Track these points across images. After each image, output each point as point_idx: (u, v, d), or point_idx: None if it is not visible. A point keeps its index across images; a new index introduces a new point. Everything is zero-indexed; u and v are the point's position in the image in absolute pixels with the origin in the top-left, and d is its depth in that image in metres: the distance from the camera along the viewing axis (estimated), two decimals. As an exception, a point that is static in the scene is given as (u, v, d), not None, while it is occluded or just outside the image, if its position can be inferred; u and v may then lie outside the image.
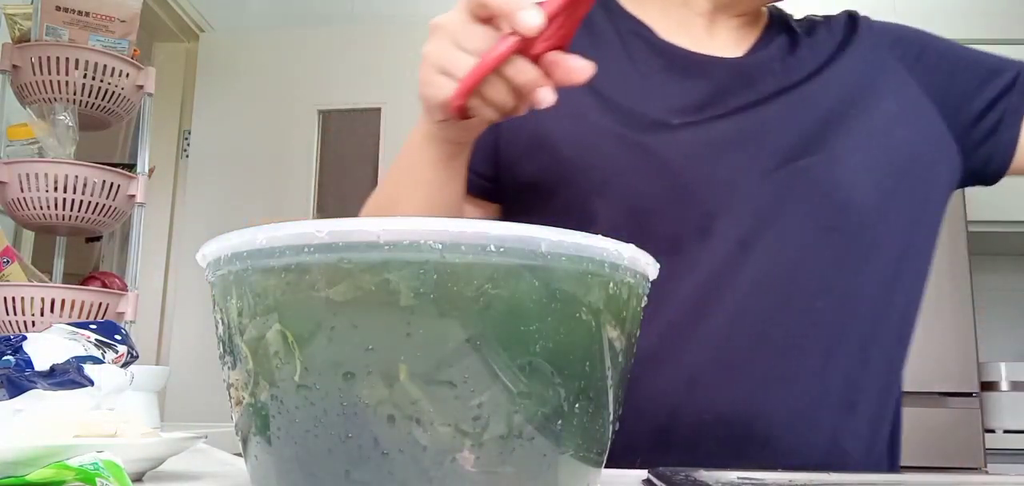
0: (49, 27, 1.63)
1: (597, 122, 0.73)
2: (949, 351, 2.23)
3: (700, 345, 0.68)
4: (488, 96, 0.56)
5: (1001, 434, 2.30)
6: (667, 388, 0.67)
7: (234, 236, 0.38)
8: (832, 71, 0.77)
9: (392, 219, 0.35)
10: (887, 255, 0.72)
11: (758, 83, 0.75)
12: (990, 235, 2.54)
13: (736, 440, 0.67)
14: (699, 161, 0.71)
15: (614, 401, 0.42)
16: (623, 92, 0.74)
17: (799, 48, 0.78)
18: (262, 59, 2.81)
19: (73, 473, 0.40)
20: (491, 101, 0.56)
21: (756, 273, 0.68)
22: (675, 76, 0.76)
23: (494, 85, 0.55)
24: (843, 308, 0.70)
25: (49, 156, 1.60)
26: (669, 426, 0.67)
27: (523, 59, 0.54)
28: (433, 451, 0.35)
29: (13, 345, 0.68)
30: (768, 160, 0.71)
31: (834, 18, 0.83)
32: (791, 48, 0.79)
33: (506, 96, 0.56)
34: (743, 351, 0.68)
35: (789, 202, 0.70)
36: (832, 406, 0.69)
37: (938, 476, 0.52)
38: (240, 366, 0.39)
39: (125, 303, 1.65)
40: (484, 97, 0.56)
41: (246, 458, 0.42)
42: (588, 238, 0.37)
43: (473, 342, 0.35)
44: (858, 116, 0.74)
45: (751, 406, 0.67)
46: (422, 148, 0.66)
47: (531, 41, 0.53)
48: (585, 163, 0.72)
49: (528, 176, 0.74)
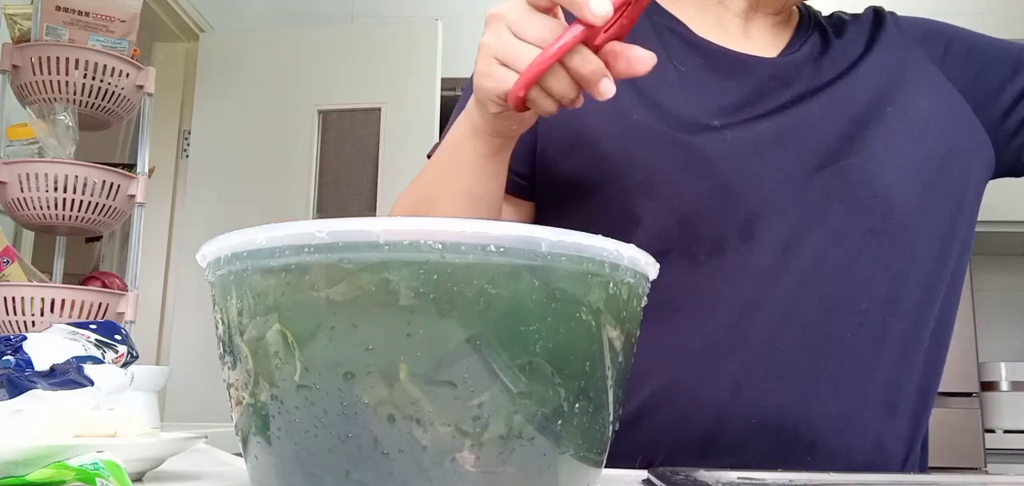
0: (49, 27, 1.63)
1: (639, 120, 0.72)
2: (949, 351, 2.23)
3: (746, 349, 0.67)
4: (550, 87, 0.55)
5: (1001, 434, 2.30)
6: (713, 393, 0.67)
7: (234, 236, 0.38)
8: (864, 69, 0.76)
9: (392, 219, 0.35)
10: (928, 254, 0.72)
11: (795, 83, 0.75)
12: (990, 235, 2.54)
13: (782, 444, 0.66)
14: (742, 162, 0.70)
15: (614, 401, 0.42)
16: (663, 90, 0.74)
17: (831, 47, 0.78)
18: (262, 59, 2.81)
19: (73, 473, 0.40)
20: (553, 92, 0.55)
21: (800, 275, 0.68)
22: (714, 75, 0.75)
23: (557, 76, 0.54)
24: (886, 309, 0.69)
25: (49, 156, 1.60)
26: (716, 431, 0.67)
27: (587, 49, 0.53)
28: (433, 451, 0.35)
29: (13, 345, 0.68)
30: (810, 161, 0.71)
31: (860, 16, 0.83)
32: (824, 47, 0.78)
33: (568, 87, 0.55)
34: (788, 354, 0.67)
35: (832, 203, 0.69)
36: (876, 408, 0.69)
37: (938, 476, 0.51)
38: (240, 366, 0.39)
39: (125, 303, 1.65)
40: (546, 88, 0.55)
41: (246, 458, 0.42)
42: (588, 238, 0.37)
43: (473, 342, 0.35)
44: (894, 114, 0.73)
45: (797, 410, 0.66)
46: (467, 142, 0.65)
47: (595, 31, 0.53)
48: (628, 162, 0.71)
49: (567, 174, 0.73)
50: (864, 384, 0.68)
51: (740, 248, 0.69)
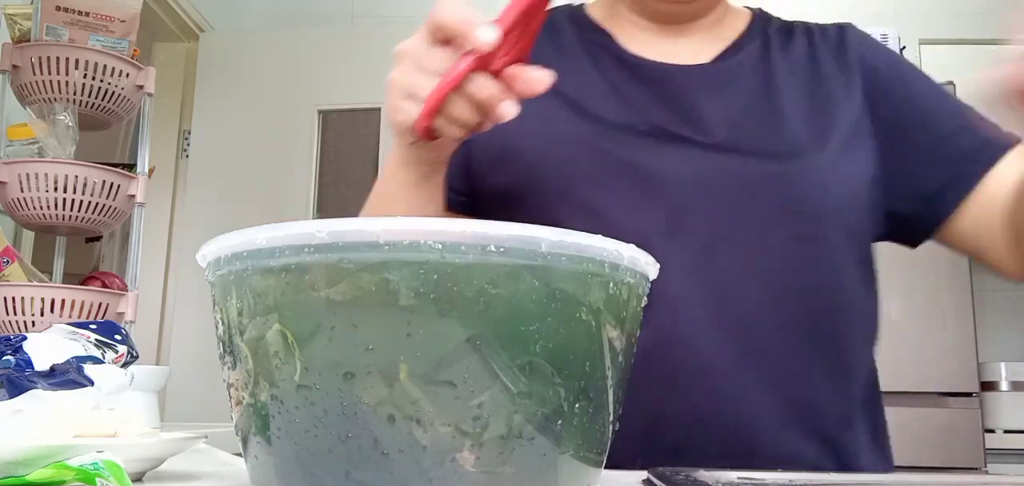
0: (49, 27, 1.63)
1: (563, 129, 0.74)
2: (949, 351, 2.23)
3: (677, 346, 0.68)
4: (452, 115, 0.57)
5: (1001, 434, 2.30)
6: (649, 392, 0.67)
7: (234, 236, 0.38)
8: (800, 83, 0.77)
9: (392, 219, 0.35)
10: (852, 260, 0.72)
11: (725, 89, 0.76)
12: (990, 235, 2.54)
13: (723, 445, 0.67)
14: (664, 163, 0.72)
15: (614, 401, 0.42)
16: (589, 99, 0.76)
17: (770, 55, 0.79)
18: (262, 59, 2.81)
19: (73, 473, 0.40)
20: (456, 119, 0.57)
21: (725, 276, 0.69)
22: (640, 85, 0.77)
23: (457, 103, 0.56)
24: (814, 312, 0.70)
25: (49, 156, 1.60)
26: (655, 431, 0.67)
27: (483, 75, 0.55)
28: (433, 451, 0.35)
29: (13, 345, 0.68)
30: (731, 164, 0.72)
31: (828, 29, 0.83)
32: (763, 55, 0.79)
33: (470, 113, 0.57)
34: (719, 354, 0.68)
35: (755, 205, 0.70)
36: (808, 410, 0.69)
37: (938, 476, 0.51)
38: (240, 366, 0.39)
39: (125, 303, 1.65)
40: (449, 116, 0.57)
41: (246, 458, 0.42)
42: (588, 238, 0.37)
43: (473, 342, 0.35)
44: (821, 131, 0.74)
45: (732, 411, 0.67)
46: (398, 172, 0.67)
47: (490, 57, 0.55)
48: (550, 169, 0.73)
49: (498, 186, 0.76)
50: (795, 385, 0.69)
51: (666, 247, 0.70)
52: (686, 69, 0.77)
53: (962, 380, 2.22)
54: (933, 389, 2.22)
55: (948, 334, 2.24)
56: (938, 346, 2.24)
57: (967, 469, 2.16)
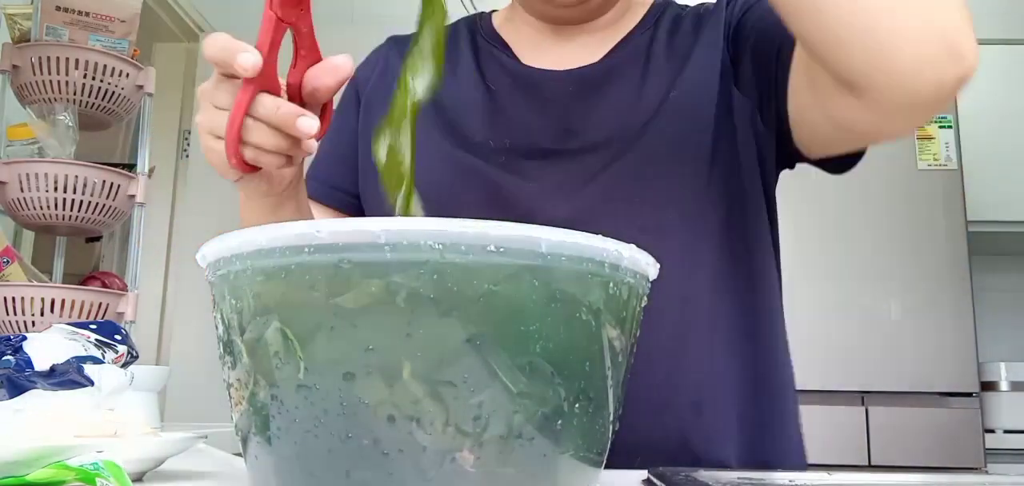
0: (49, 27, 1.63)
1: (433, 148, 0.75)
2: (949, 351, 2.23)
3: None
4: (255, 142, 0.57)
5: (1001, 434, 2.30)
6: None
7: (234, 236, 0.38)
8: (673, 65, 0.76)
9: (392, 219, 0.35)
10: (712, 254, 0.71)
11: (602, 88, 0.76)
12: (990, 235, 2.54)
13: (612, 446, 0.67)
14: (520, 171, 0.73)
15: (614, 401, 0.42)
16: (467, 116, 0.77)
17: (653, 45, 0.78)
18: (262, 59, 2.81)
19: (73, 473, 0.40)
20: (262, 146, 0.57)
21: None
22: (518, 93, 0.78)
23: (255, 130, 0.56)
24: (683, 310, 0.70)
25: (49, 156, 1.60)
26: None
27: (269, 97, 0.56)
28: (433, 451, 0.35)
29: (13, 345, 0.68)
30: (590, 166, 0.72)
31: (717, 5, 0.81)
32: (648, 47, 0.78)
33: (272, 137, 0.56)
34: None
35: (608, 205, 0.70)
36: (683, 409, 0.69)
37: (938, 476, 0.51)
38: (240, 366, 0.39)
39: (125, 303, 1.65)
40: (254, 145, 0.57)
41: (246, 458, 0.42)
42: (588, 238, 0.37)
43: (473, 342, 0.35)
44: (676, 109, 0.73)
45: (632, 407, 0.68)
46: (248, 209, 0.68)
47: (269, 78, 0.55)
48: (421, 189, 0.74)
49: (372, 195, 0.78)
50: (669, 384, 0.69)
51: None
52: (567, 74, 0.77)
53: (962, 380, 2.22)
54: (933, 389, 2.21)
55: (948, 334, 2.24)
56: (938, 346, 2.23)
57: (967, 469, 2.16)
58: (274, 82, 0.56)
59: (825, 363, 2.24)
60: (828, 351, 2.24)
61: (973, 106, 2.50)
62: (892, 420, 2.20)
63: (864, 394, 2.24)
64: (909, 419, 2.19)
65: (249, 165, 0.58)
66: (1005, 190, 2.55)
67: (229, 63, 0.54)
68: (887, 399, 2.21)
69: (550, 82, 0.77)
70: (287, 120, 0.56)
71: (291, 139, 0.57)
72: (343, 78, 0.58)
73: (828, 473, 0.55)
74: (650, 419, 0.68)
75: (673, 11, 0.82)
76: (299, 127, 0.56)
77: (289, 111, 0.56)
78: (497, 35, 0.83)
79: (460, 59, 0.82)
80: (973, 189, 2.41)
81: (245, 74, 0.54)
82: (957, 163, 2.30)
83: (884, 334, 2.25)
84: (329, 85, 0.58)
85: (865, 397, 2.23)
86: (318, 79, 0.58)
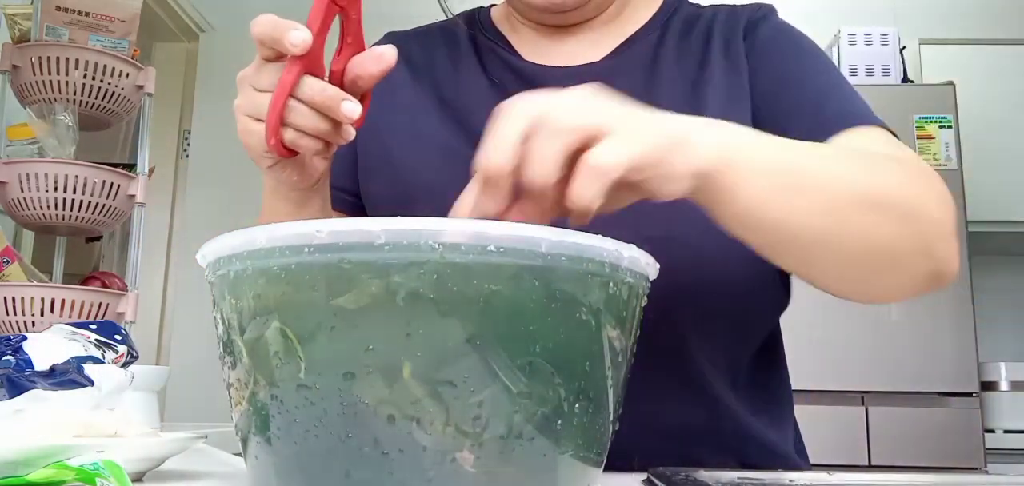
0: (49, 27, 1.63)
1: (439, 142, 0.74)
2: (949, 351, 2.23)
3: None
4: (298, 125, 0.56)
5: (1001, 434, 2.30)
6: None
7: (234, 236, 0.38)
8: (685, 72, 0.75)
9: (392, 219, 0.35)
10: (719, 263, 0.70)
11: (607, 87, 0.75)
12: (990, 235, 2.54)
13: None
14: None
15: (614, 401, 0.42)
16: (473, 110, 0.75)
17: (663, 48, 0.76)
18: (262, 59, 2.80)
19: (73, 473, 0.40)
20: (302, 128, 0.57)
21: None
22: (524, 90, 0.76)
23: (297, 112, 0.56)
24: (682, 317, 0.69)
25: (49, 156, 1.60)
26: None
27: (314, 78, 0.55)
28: (433, 451, 0.35)
29: (13, 345, 0.67)
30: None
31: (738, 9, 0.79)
32: (656, 48, 0.77)
33: (313, 119, 0.56)
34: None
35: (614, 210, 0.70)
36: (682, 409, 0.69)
37: (938, 476, 0.52)
38: (240, 366, 0.39)
39: (125, 303, 1.65)
40: (295, 127, 0.57)
41: (246, 458, 0.42)
42: (588, 238, 0.37)
43: (473, 342, 0.35)
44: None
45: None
46: (273, 203, 0.67)
47: (314, 60, 0.55)
48: (422, 181, 0.73)
49: (376, 194, 0.76)
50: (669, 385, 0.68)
51: None
52: (570, 71, 0.76)
53: (962, 380, 2.22)
54: (933, 389, 2.21)
55: (948, 334, 2.24)
56: (938, 346, 2.23)
57: (967, 469, 2.16)
58: (319, 65, 0.56)
59: (825, 363, 2.24)
60: (828, 351, 2.24)
61: (973, 106, 2.50)
62: (892, 420, 2.20)
63: (864, 394, 2.24)
64: (909, 419, 2.19)
65: (286, 149, 0.58)
66: (1005, 190, 2.55)
67: (279, 39, 0.53)
68: (887, 399, 2.21)
69: (552, 79, 0.77)
70: (332, 102, 0.55)
71: (332, 123, 0.57)
72: (386, 67, 0.58)
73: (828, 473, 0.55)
74: (650, 420, 0.68)
75: (685, 13, 0.80)
76: (343, 110, 0.56)
77: (334, 93, 0.55)
78: (497, 31, 0.83)
79: (461, 56, 0.81)
80: (973, 189, 2.41)
81: (294, 51, 0.53)
82: (957, 163, 2.30)
83: (884, 334, 2.25)
84: (372, 73, 0.58)
85: (865, 397, 2.23)
86: (362, 66, 0.58)
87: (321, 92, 0.55)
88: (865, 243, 0.56)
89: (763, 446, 0.72)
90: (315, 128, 0.57)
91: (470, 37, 0.83)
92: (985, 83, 2.62)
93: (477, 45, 0.82)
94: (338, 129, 0.58)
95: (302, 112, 0.56)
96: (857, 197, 0.56)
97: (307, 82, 0.55)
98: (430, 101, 0.77)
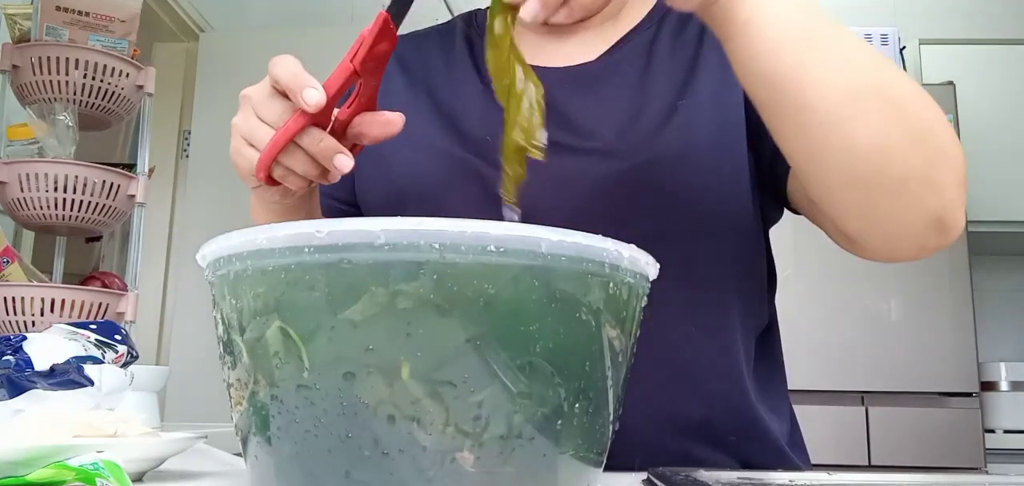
0: (49, 27, 1.63)
1: (433, 144, 0.75)
2: (949, 351, 2.23)
3: None
4: (289, 165, 0.58)
5: (1001, 434, 2.30)
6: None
7: (234, 236, 0.38)
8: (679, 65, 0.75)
9: (392, 219, 0.35)
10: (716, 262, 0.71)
11: (601, 87, 0.75)
12: (990, 235, 2.54)
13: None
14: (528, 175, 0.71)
15: (614, 401, 0.42)
16: (466, 113, 0.76)
17: (657, 44, 0.77)
18: (262, 59, 2.78)
19: (73, 473, 0.40)
20: (293, 169, 0.58)
21: None
22: None
23: (293, 155, 0.57)
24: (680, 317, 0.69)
25: (49, 156, 1.60)
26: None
27: (317, 130, 0.57)
28: (433, 451, 0.35)
29: (13, 345, 0.68)
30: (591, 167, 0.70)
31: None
32: (651, 44, 0.77)
33: (306, 165, 0.58)
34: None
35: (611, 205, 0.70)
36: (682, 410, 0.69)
37: (938, 476, 0.52)
38: (240, 366, 0.39)
39: (125, 303, 1.65)
40: (286, 166, 0.58)
41: (246, 458, 0.42)
42: (588, 238, 0.37)
43: (473, 342, 0.35)
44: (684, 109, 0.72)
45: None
46: (259, 211, 0.69)
47: (325, 113, 0.56)
48: (417, 184, 0.74)
49: (373, 198, 0.77)
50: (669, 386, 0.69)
51: None
52: (565, 71, 0.76)
53: (962, 380, 2.22)
54: (933, 389, 2.21)
55: (948, 334, 2.24)
56: (938, 346, 2.23)
57: (967, 469, 2.16)
58: (327, 120, 0.58)
59: (825, 363, 2.24)
60: (828, 351, 2.24)
61: (973, 106, 2.50)
62: (892, 420, 2.20)
63: (864, 394, 2.24)
64: (909, 419, 2.19)
65: (273, 180, 0.59)
66: (1005, 190, 2.55)
67: (295, 93, 0.55)
68: (887, 399, 2.22)
69: (547, 79, 0.77)
70: (326, 154, 0.57)
71: (322, 169, 0.58)
72: (391, 134, 0.59)
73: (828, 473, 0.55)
74: (650, 421, 0.68)
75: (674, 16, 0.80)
76: (336, 163, 0.57)
77: (330, 146, 0.57)
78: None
79: (456, 56, 0.81)
80: (973, 189, 2.40)
81: (307, 110, 0.55)
82: (957, 163, 2.30)
83: (884, 334, 2.25)
84: (375, 136, 0.59)
85: (865, 397, 2.24)
86: (367, 127, 0.59)
87: (319, 143, 0.57)
88: (876, 140, 0.52)
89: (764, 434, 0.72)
90: (305, 172, 0.58)
91: (465, 38, 0.83)
92: (985, 83, 2.62)
93: (472, 46, 0.82)
94: (326, 174, 0.59)
95: (298, 157, 0.58)
96: (875, 85, 0.53)
97: (311, 134, 0.57)
98: (424, 103, 0.78)
